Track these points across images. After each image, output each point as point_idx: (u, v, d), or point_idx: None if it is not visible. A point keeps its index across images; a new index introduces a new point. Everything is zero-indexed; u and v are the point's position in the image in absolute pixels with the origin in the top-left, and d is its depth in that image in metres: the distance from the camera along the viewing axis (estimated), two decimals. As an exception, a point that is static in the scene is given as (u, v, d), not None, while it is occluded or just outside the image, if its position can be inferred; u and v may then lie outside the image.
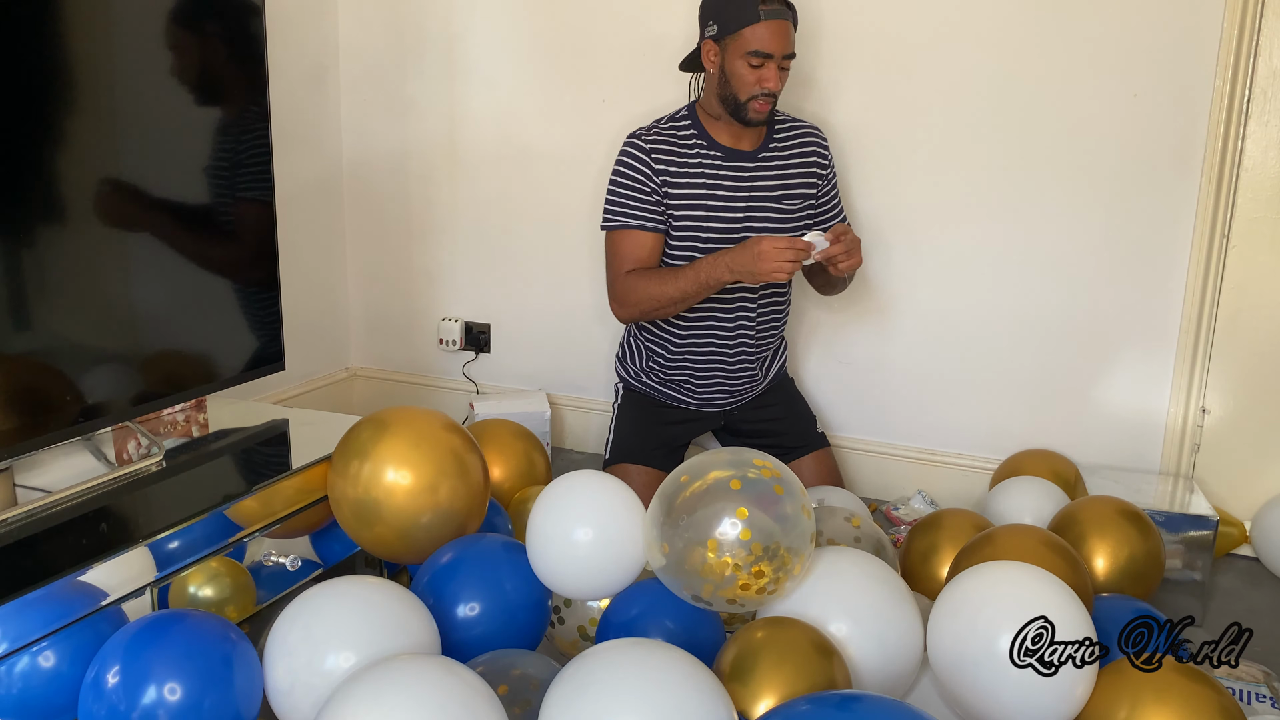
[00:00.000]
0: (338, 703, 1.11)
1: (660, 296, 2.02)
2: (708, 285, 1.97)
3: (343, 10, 2.80)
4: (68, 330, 1.51)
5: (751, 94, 1.97)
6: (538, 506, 1.48)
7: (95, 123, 1.52)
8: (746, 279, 1.92)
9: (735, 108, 2.00)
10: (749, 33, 1.92)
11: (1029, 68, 2.19)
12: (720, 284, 1.97)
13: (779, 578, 1.31)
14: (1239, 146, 2.06)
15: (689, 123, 2.09)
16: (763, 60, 1.94)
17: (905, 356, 2.41)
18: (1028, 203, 2.24)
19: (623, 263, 2.08)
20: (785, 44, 1.95)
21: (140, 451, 1.65)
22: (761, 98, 1.97)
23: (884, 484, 2.47)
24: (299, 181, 2.70)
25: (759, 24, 1.91)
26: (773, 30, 1.92)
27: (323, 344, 2.91)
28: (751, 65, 1.94)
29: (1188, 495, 2.10)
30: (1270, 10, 2.00)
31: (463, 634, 1.42)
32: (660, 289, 2.01)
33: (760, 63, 1.94)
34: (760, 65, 1.94)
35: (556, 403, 2.75)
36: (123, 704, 1.18)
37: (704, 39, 2.02)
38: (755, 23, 1.91)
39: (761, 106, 1.99)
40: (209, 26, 1.70)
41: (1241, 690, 1.56)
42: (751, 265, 1.88)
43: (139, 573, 1.34)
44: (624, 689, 1.09)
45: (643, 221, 2.06)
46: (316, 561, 1.68)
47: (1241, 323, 2.13)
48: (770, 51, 1.93)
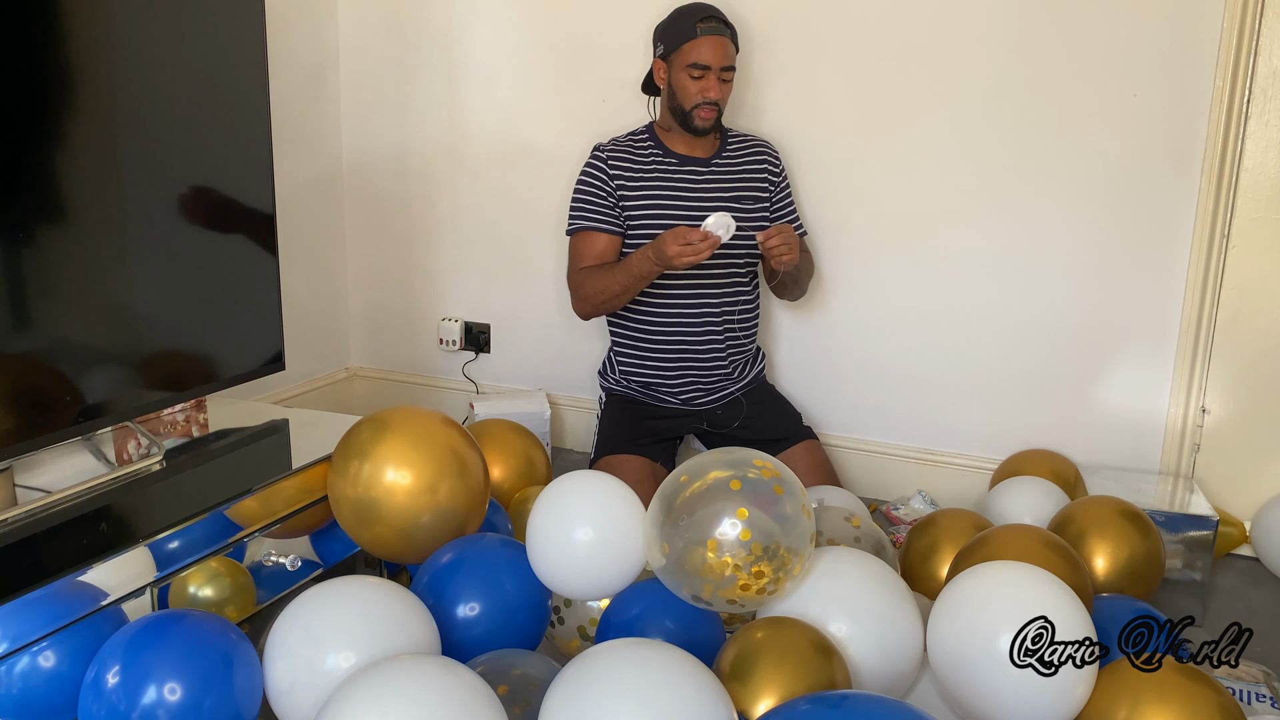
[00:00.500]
0: (338, 703, 1.11)
1: (606, 289, 2.18)
2: (641, 275, 2.12)
3: (343, 10, 2.81)
4: (68, 330, 1.51)
5: (695, 103, 2.16)
6: (538, 506, 1.48)
7: (95, 122, 1.52)
8: (666, 266, 2.04)
9: (683, 118, 2.20)
10: (689, 47, 2.13)
11: (1029, 68, 2.19)
12: (650, 274, 2.10)
13: (779, 578, 1.31)
14: (1239, 146, 2.06)
15: (646, 136, 2.30)
16: (702, 72, 2.14)
17: (905, 356, 2.41)
18: (1027, 203, 2.24)
19: (579, 261, 2.26)
20: (722, 57, 2.14)
21: (140, 451, 1.65)
22: (704, 106, 2.16)
23: (884, 484, 2.47)
24: (299, 181, 2.70)
25: (698, 39, 2.13)
26: (710, 45, 2.12)
27: (323, 344, 2.91)
28: (693, 76, 2.14)
29: (1188, 495, 2.10)
30: (1270, 10, 2.00)
31: (463, 634, 1.42)
32: (605, 282, 2.18)
33: (700, 74, 2.14)
34: (701, 76, 2.14)
35: (556, 403, 2.76)
36: (123, 704, 1.18)
37: (655, 59, 2.23)
38: (694, 38, 2.13)
39: (706, 114, 2.17)
40: (209, 26, 1.70)
41: (1241, 690, 1.56)
42: (664, 250, 2.00)
43: (139, 573, 1.34)
44: (624, 689, 1.09)
45: (597, 223, 2.24)
46: (316, 561, 1.68)
47: (1241, 323, 2.13)
48: (708, 64, 2.13)
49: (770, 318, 2.53)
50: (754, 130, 2.43)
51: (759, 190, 2.29)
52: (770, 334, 2.54)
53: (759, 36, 2.40)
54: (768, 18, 2.39)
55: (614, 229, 2.24)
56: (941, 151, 2.29)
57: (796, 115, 2.41)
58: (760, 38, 2.40)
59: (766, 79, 2.42)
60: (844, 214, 2.40)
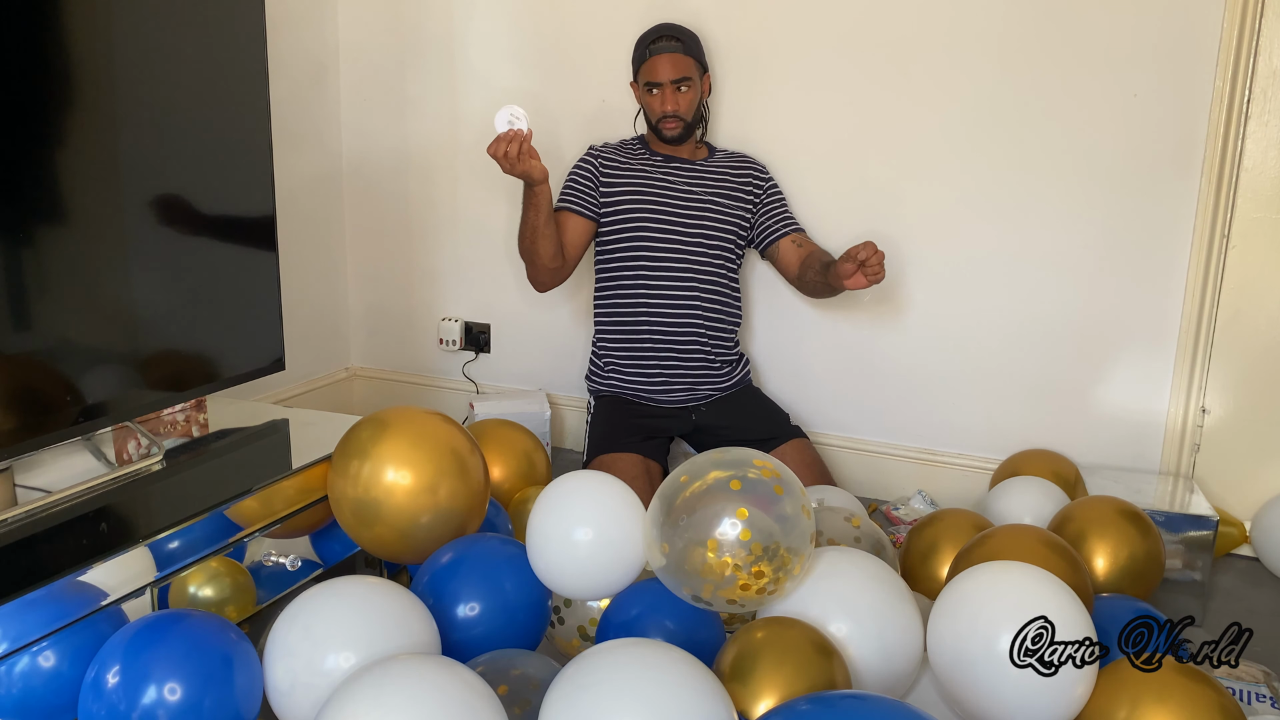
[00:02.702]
0: (338, 703, 1.11)
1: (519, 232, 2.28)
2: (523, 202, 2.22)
3: (343, 10, 2.80)
4: (68, 330, 1.51)
5: (658, 116, 2.31)
6: (538, 506, 1.48)
7: (95, 122, 1.52)
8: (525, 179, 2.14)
9: (654, 130, 2.35)
10: (645, 69, 2.30)
11: (1029, 68, 2.19)
12: (526, 199, 2.20)
13: (779, 578, 1.31)
14: (1239, 146, 2.06)
15: (637, 143, 2.45)
16: (658, 88, 2.28)
17: (905, 357, 2.41)
18: (1027, 203, 2.24)
19: None
20: (671, 71, 2.27)
21: (140, 451, 1.65)
22: (666, 119, 2.30)
23: (884, 484, 2.47)
24: (299, 181, 2.70)
25: (649, 60, 2.29)
26: (660, 62, 2.27)
27: (323, 344, 2.91)
28: (651, 93, 2.30)
29: (1188, 495, 2.10)
30: (1270, 10, 2.00)
31: (463, 634, 1.42)
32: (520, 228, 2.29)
33: (656, 90, 2.28)
34: (656, 91, 2.28)
35: (556, 403, 2.76)
36: (123, 704, 1.18)
37: (630, 83, 2.39)
38: (646, 59, 2.29)
39: (670, 125, 2.31)
40: (209, 26, 1.70)
41: (1241, 690, 1.56)
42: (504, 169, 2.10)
43: (139, 573, 1.34)
44: (624, 689, 1.09)
45: (571, 204, 2.37)
46: (316, 561, 1.68)
47: (1241, 323, 2.13)
48: (659, 80, 2.27)
49: (770, 318, 2.53)
50: (747, 133, 2.45)
51: (741, 191, 2.37)
52: (770, 334, 2.53)
53: (747, 44, 2.40)
54: (754, 22, 2.39)
55: (589, 214, 2.36)
56: (940, 152, 2.29)
57: (793, 116, 2.41)
58: (749, 44, 2.40)
59: (762, 81, 2.42)
60: (844, 216, 2.40)
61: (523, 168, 2.07)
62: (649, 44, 2.29)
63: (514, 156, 2.04)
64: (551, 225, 2.25)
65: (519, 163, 2.06)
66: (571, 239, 2.35)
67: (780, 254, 2.35)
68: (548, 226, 2.24)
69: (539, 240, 2.25)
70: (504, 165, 2.07)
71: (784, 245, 2.34)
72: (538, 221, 2.22)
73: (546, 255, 2.28)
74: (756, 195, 2.38)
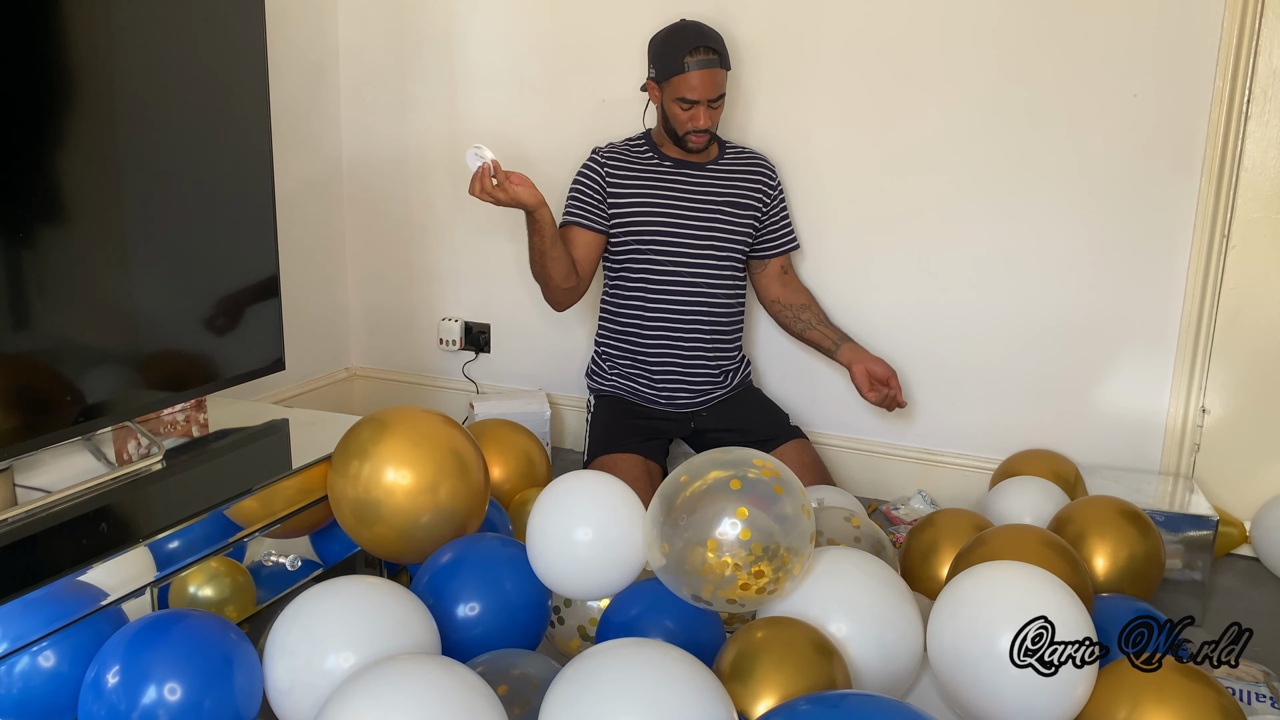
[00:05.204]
0: (338, 703, 1.11)
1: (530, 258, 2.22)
2: (527, 229, 2.16)
3: (343, 10, 2.80)
4: (68, 330, 1.51)
5: (686, 130, 2.20)
6: (538, 506, 1.48)
7: (96, 122, 1.52)
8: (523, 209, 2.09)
9: (676, 140, 2.25)
10: (679, 81, 2.15)
11: (1029, 68, 2.19)
12: (530, 227, 2.14)
13: (779, 578, 1.31)
14: (1239, 146, 2.06)
15: (644, 142, 2.34)
16: (691, 105, 2.16)
17: (905, 357, 2.41)
18: (1027, 203, 2.24)
19: None
20: (710, 89, 2.15)
21: (140, 451, 1.65)
22: (694, 134, 2.20)
23: (884, 484, 2.47)
24: (299, 181, 2.70)
25: (686, 74, 2.14)
26: (699, 78, 2.14)
27: (323, 344, 2.91)
28: (682, 108, 2.17)
29: (1188, 495, 2.10)
30: (1270, 10, 2.00)
31: (463, 634, 1.42)
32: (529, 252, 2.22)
33: (689, 106, 2.16)
34: (690, 108, 2.17)
35: (556, 403, 2.76)
36: (123, 704, 1.18)
37: (648, 77, 2.25)
38: (683, 73, 2.14)
39: (697, 139, 2.22)
40: (209, 26, 1.70)
41: (1241, 690, 1.56)
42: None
43: (139, 573, 1.34)
44: (624, 689, 1.09)
45: (580, 219, 2.29)
46: (316, 561, 1.68)
47: (1241, 323, 2.13)
48: (696, 98, 2.15)
49: (771, 318, 2.53)
50: (749, 134, 2.44)
51: (751, 198, 2.32)
52: (770, 334, 2.53)
53: (752, 42, 2.40)
54: (761, 21, 2.39)
55: (598, 227, 2.29)
56: (941, 152, 2.29)
57: (792, 116, 2.41)
58: (754, 43, 2.40)
59: (760, 83, 2.42)
60: (844, 216, 2.40)
61: (509, 195, 2.04)
62: (685, 53, 2.14)
63: (491, 188, 2.02)
64: (558, 247, 2.17)
65: (500, 192, 2.03)
66: (582, 254, 2.27)
67: (765, 273, 2.36)
68: (554, 249, 2.16)
69: (548, 264, 2.19)
70: (488, 199, 2.04)
71: (771, 266, 2.36)
72: (544, 246, 2.16)
73: (559, 276, 2.21)
74: (765, 203, 2.34)
